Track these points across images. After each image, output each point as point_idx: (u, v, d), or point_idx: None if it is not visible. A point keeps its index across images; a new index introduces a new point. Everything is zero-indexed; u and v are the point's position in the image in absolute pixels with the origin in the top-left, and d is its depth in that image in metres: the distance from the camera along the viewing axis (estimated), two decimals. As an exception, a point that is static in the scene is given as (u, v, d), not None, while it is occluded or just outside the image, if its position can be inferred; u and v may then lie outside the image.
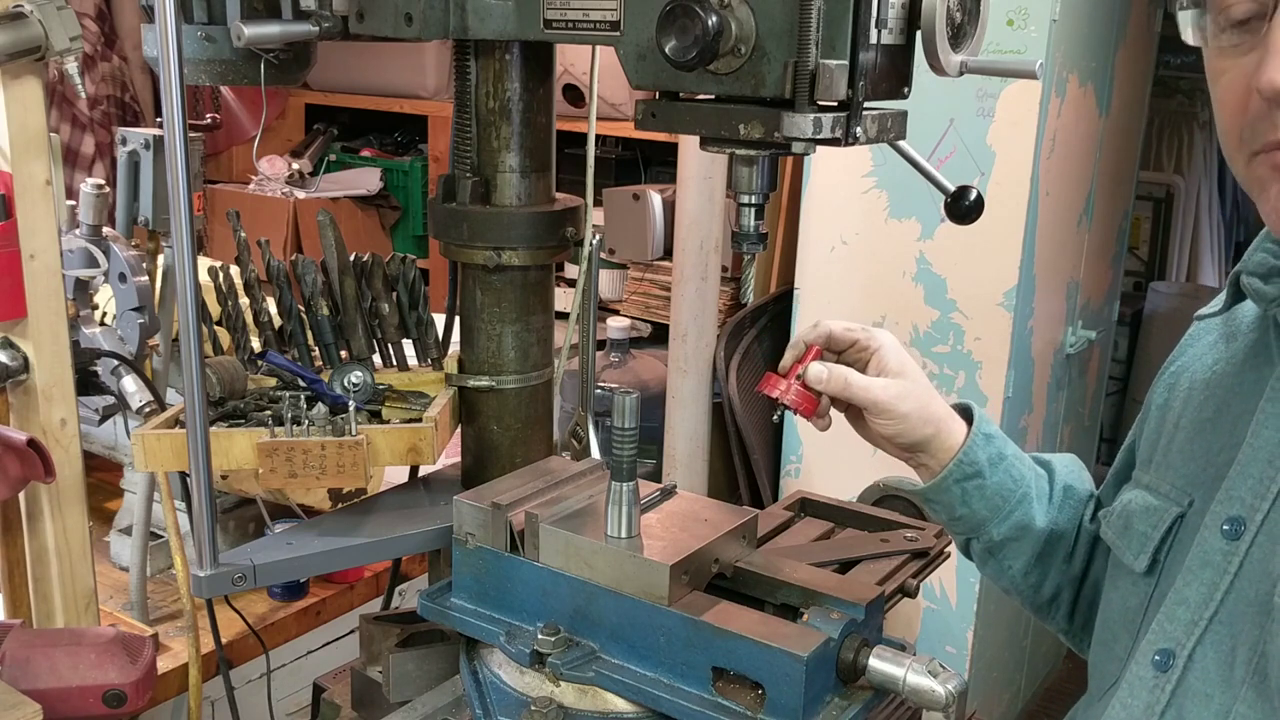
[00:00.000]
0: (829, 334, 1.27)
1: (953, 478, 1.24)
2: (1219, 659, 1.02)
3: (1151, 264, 5.29)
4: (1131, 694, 1.08)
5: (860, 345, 1.26)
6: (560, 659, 1.15)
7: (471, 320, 1.48)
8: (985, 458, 1.24)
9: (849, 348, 1.27)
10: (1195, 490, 1.10)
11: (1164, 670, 1.05)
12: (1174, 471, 1.14)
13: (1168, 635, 1.06)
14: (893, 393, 1.22)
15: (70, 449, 1.59)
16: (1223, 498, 1.04)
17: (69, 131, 3.65)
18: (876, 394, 1.22)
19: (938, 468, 1.25)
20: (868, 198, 2.96)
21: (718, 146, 1.16)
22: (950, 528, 1.33)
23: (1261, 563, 1.00)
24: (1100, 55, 3.01)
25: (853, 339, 1.27)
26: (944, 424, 1.24)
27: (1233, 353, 1.14)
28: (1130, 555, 1.15)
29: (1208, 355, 1.17)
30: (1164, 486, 1.14)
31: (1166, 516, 1.12)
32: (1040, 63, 1.11)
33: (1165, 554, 1.11)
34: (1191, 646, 1.04)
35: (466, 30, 1.29)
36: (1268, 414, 1.03)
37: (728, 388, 3.17)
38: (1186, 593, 1.05)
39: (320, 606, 2.08)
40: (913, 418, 1.22)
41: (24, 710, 1.33)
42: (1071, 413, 3.47)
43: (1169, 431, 1.17)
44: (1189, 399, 1.16)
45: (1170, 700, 1.04)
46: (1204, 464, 1.10)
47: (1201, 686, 1.03)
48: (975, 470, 1.24)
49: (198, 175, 1.79)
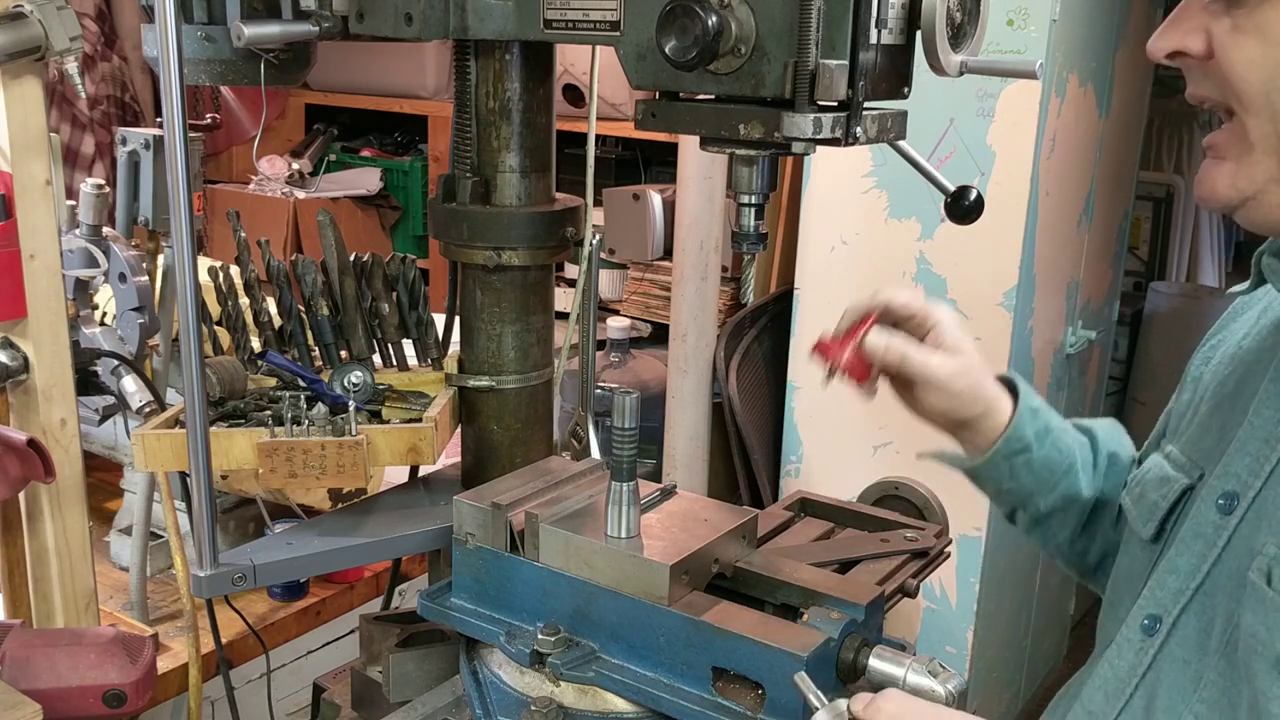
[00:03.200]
0: (887, 304, 1.25)
1: (1001, 454, 1.24)
2: (1199, 628, 1.04)
3: (1151, 264, 5.28)
4: (1119, 654, 1.10)
5: (919, 319, 1.25)
6: (560, 659, 1.15)
7: (471, 320, 1.48)
8: (1033, 432, 1.24)
9: (908, 319, 1.25)
10: (1206, 464, 1.11)
11: (1150, 634, 1.08)
12: (1191, 444, 1.15)
13: (1157, 601, 1.08)
14: (950, 370, 1.21)
15: (70, 449, 1.59)
16: (1220, 472, 1.06)
17: (69, 131, 3.65)
18: (934, 369, 1.20)
19: (985, 444, 1.24)
20: (868, 198, 2.96)
21: (718, 146, 1.16)
22: (997, 500, 1.32)
23: (1248, 538, 1.02)
24: (1100, 55, 3.01)
25: (911, 312, 1.25)
26: (993, 403, 1.24)
27: (1260, 328, 1.14)
28: (1140, 523, 1.16)
29: (1242, 329, 1.18)
30: (1180, 458, 1.15)
31: (1176, 487, 1.13)
32: (1040, 63, 1.11)
33: (1172, 524, 1.13)
34: (1177, 614, 1.06)
35: (466, 30, 1.29)
36: (1269, 393, 1.04)
37: (728, 388, 3.17)
38: (1178, 562, 1.07)
39: (320, 606, 2.08)
40: (965, 396, 1.22)
41: (24, 710, 1.33)
42: (1072, 413, 3.44)
43: (1195, 403, 1.18)
44: (1216, 373, 1.17)
45: (1152, 663, 1.07)
46: (1217, 438, 1.11)
47: (1181, 652, 1.05)
48: (1023, 445, 1.24)
49: (198, 175, 1.79)
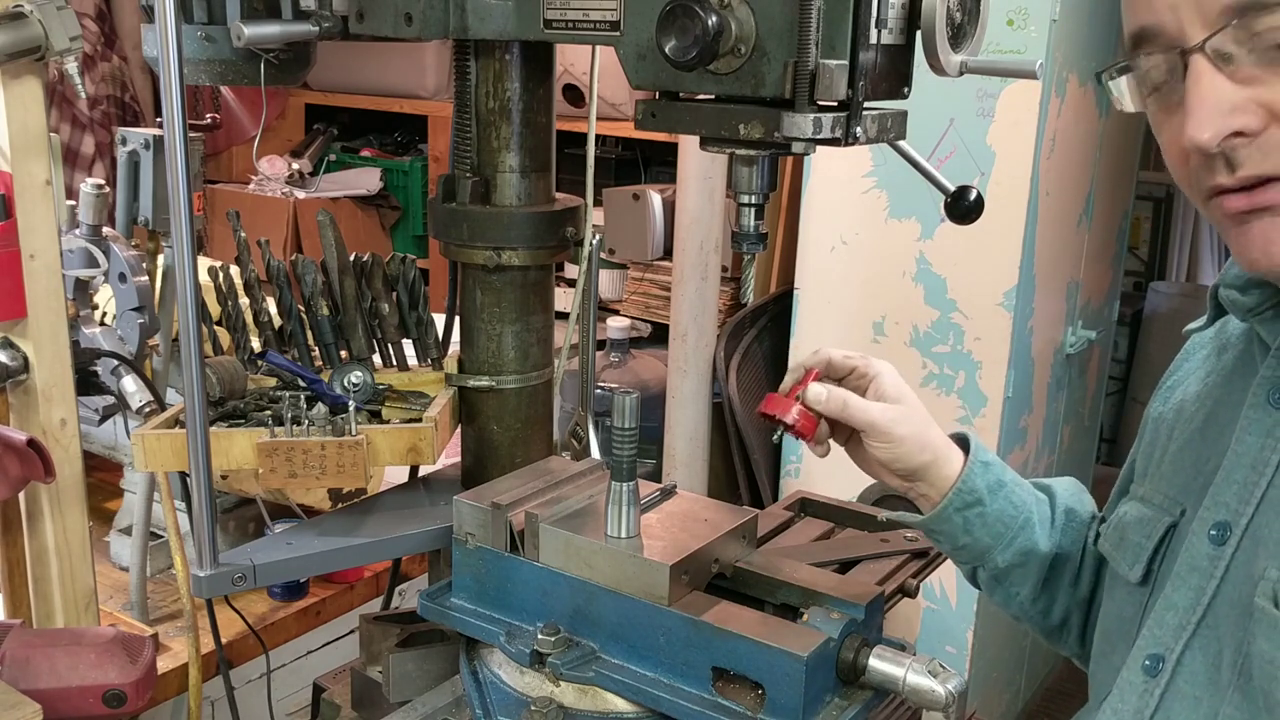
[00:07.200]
0: (828, 360, 1.28)
1: (953, 506, 1.24)
2: (1206, 662, 1.03)
3: (1151, 264, 5.29)
4: (1121, 699, 1.08)
5: (859, 372, 1.28)
6: (560, 659, 1.15)
7: (471, 320, 1.48)
8: (984, 485, 1.25)
9: (848, 374, 1.28)
10: (1186, 499, 1.10)
11: (1153, 675, 1.06)
12: (1166, 482, 1.15)
13: (1157, 640, 1.06)
14: (890, 416, 1.23)
15: (70, 449, 1.59)
16: (1209, 504, 1.05)
17: (69, 131, 3.65)
18: (874, 416, 1.22)
19: (937, 497, 1.25)
20: (868, 198, 2.96)
21: (718, 146, 1.16)
22: (955, 557, 1.33)
23: (1245, 566, 1.01)
24: (1100, 55, 3.00)
25: (851, 366, 1.28)
26: (941, 452, 1.25)
27: (1223, 364, 1.15)
28: (1125, 566, 1.15)
29: (1200, 369, 1.18)
30: (1156, 497, 1.15)
31: (1159, 526, 1.12)
32: (1040, 63, 1.11)
33: (1159, 563, 1.12)
34: (1180, 651, 1.04)
35: (466, 30, 1.29)
36: (1250, 420, 1.04)
37: (728, 388, 3.17)
38: (1175, 598, 1.06)
39: (320, 606, 2.08)
40: (909, 442, 1.23)
41: (24, 710, 1.33)
42: (1071, 413, 3.47)
43: (1162, 444, 1.18)
44: (1181, 411, 1.17)
45: (1159, 705, 1.05)
46: (1193, 473, 1.10)
47: (1190, 689, 1.03)
48: (975, 498, 1.25)
49: (198, 175, 1.79)
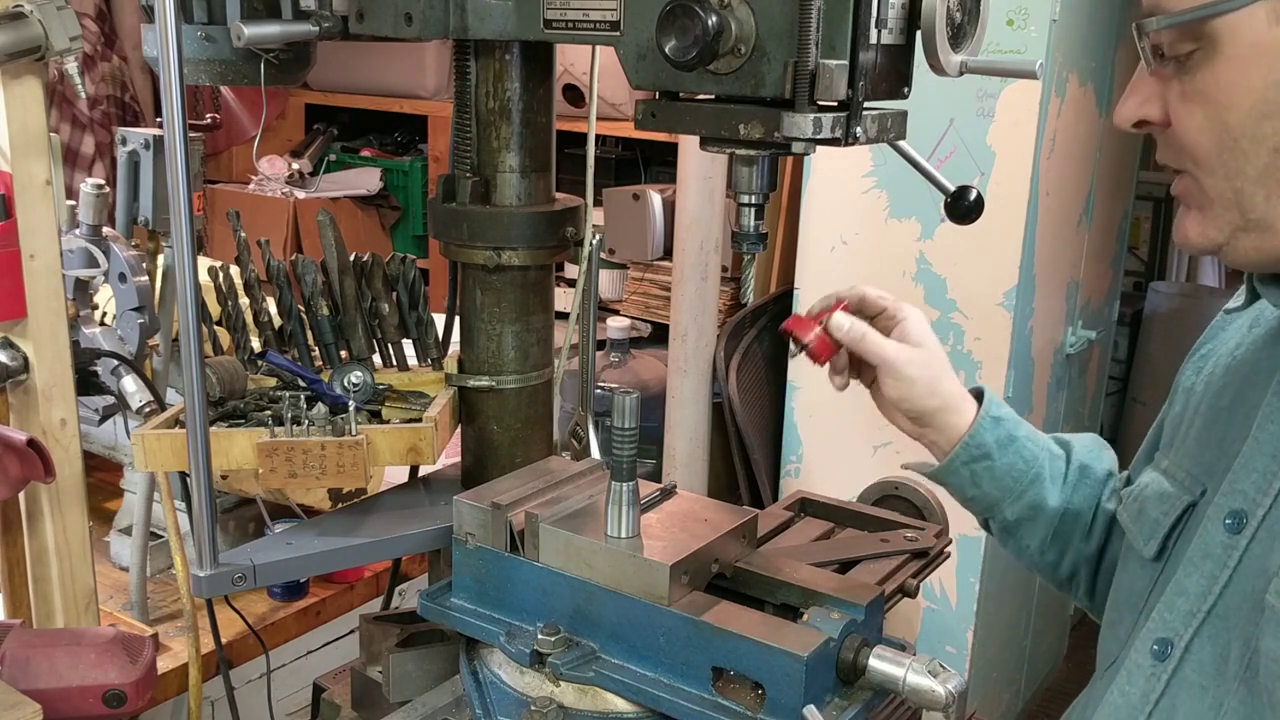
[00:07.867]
0: (862, 296, 1.32)
1: (960, 459, 1.27)
2: (1215, 652, 1.03)
3: (1151, 264, 5.28)
4: (1130, 681, 1.09)
5: (889, 314, 1.31)
6: (560, 659, 1.15)
7: (471, 320, 1.48)
8: (993, 440, 1.27)
9: (878, 314, 1.31)
10: (1208, 479, 1.10)
11: (1161, 660, 1.06)
12: (1189, 458, 1.15)
13: (1167, 625, 1.07)
14: (904, 356, 1.26)
15: (70, 449, 1.59)
16: (1227, 490, 1.05)
17: (69, 131, 3.65)
18: (889, 352, 1.25)
19: (948, 447, 1.28)
20: (868, 198, 2.96)
21: (718, 146, 1.16)
22: (966, 507, 1.36)
23: (1260, 559, 1.01)
24: (1100, 55, 3.00)
25: (883, 306, 1.31)
26: (952, 401, 1.28)
27: (1254, 339, 1.14)
28: (1141, 540, 1.16)
29: (1233, 338, 1.18)
30: (1179, 473, 1.15)
31: (1178, 504, 1.13)
32: (1040, 63, 1.11)
33: (1174, 541, 1.12)
34: (1189, 637, 1.05)
35: (466, 30, 1.29)
36: (1273, 408, 1.04)
37: (728, 388, 3.17)
38: (1187, 583, 1.06)
39: (320, 606, 2.08)
40: (919, 384, 1.25)
41: (24, 710, 1.33)
42: (1071, 413, 3.47)
43: (1189, 416, 1.18)
44: (1210, 384, 1.17)
45: (1166, 690, 1.06)
46: (1217, 453, 1.10)
47: (1197, 678, 1.04)
48: (983, 453, 1.27)
49: (198, 175, 1.79)
